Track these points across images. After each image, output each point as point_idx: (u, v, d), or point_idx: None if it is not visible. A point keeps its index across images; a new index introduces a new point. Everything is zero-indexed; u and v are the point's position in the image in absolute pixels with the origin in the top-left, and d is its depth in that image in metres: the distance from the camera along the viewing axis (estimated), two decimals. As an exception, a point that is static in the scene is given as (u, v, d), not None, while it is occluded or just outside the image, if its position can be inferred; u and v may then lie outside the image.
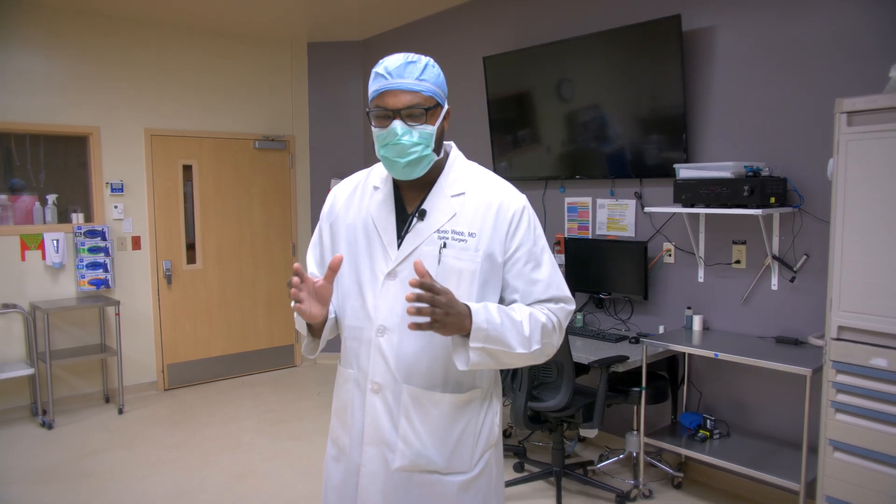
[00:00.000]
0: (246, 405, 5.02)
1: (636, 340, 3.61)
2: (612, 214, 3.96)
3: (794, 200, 3.13)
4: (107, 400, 5.15)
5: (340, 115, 6.05)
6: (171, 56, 5.31)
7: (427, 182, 1.56)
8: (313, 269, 1.70)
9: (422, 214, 1.53)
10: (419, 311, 1.31)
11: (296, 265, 1.42)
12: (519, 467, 3.76)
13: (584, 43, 3.88)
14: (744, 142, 3.34)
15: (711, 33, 3.42)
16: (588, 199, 4.10)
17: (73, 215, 4.99)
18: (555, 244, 4.28)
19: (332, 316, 1.60)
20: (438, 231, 1.51)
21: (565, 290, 1.56)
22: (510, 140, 4.45)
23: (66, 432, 4.51)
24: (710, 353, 3.07)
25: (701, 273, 3.55)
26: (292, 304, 1.45)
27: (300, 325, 1.60)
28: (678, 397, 3.63)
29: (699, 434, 3.33)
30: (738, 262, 3.39)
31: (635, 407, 3.66)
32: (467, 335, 1.40)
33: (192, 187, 5.54)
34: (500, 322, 1.43)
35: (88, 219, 5.08)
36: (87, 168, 5.10)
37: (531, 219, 1.56)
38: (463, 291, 1.49)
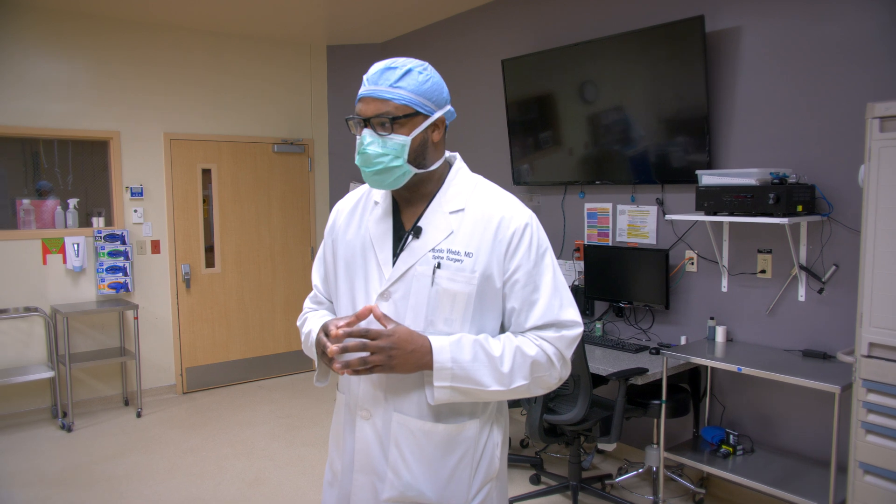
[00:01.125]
0: (263, 410, 5.00)
1: (656, 351, 3.50)
2: (633, 221, 3.85)
3: (822, 208, 3.00)
4: (126, 403, 5.18)
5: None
6: (190, 60, 5.32)
7: (426, 197, 1.48)
8: (318, 283, 1.66)
9: (417, 232, 1.45)
10: (351, 369, 1.33)
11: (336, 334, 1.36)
12: (535, 479, 3.67)
13: (604, 45, 3.78)
14: (770, 147, 3.21)
15: (736, 34, 3.30)
16: (608, 205, 3.99)
17: (94, 219, 5.02)
18: (574, 251, 4.19)
19: None
20: (433, 250, 1.43)
21: (569, 315, 1.44)
22: (529, 144, 4.37)
23: (84, 435, 4.53)
24: (732, 367, 2.96)
25: (724, 282, 3.43)
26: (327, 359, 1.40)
27: (310, 352, 1.55)
28: (700, 410, 3.51)
29: (722, 449, 3.21)
30: (763, 271, 3.26)
31: (655, 420, 3.55)
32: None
33: (211, 191, 5.55)
34: (470, 359, 1.36)
35: (109, 223, 5.11)
36: (108, 172, 5.13)
37: (533, 237, 1.44)
38: (457, 315, 1.41)
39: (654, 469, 3.42)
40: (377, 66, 1.42)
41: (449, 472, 1.44)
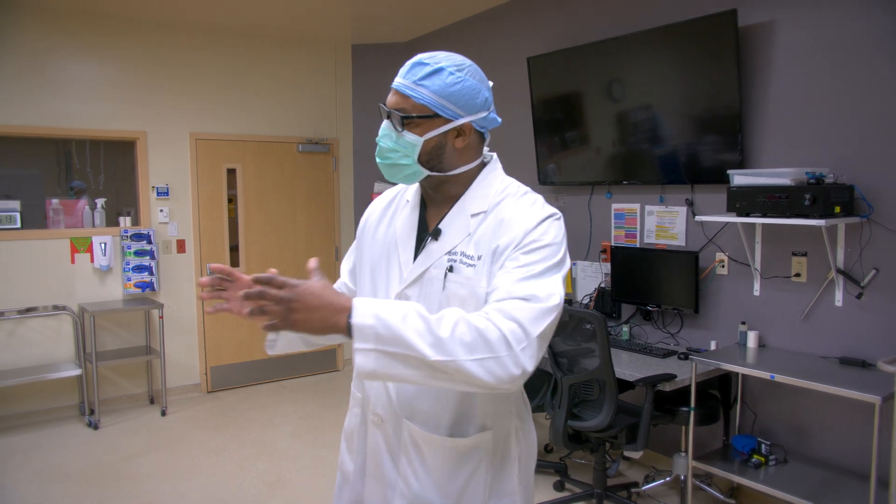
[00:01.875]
0: (285, 410, 5.00)
1: (685, 356, 3.39)
2: (662, 222, 3.74)
3: (861, 209, 2.87)
4: (151, 401, 5.22)
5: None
6: (216, 61, 5.34)
7: (452, 198, 1.41)
8: (345, 277, 1.62)
9: (436, 234, 1.39)
10: (250, 311, 1.13)
11: (213, 265, 1.31)
12: (559, 486, 3.59)
13: (633, 41, 3.68)
14: (806, 146, 3.08)
15: (770, 28, 3.18)
16: (636, 206, 3.89)
17: (121, 219, 5.07)
18: (601, 252, 4.09)
19: None
20: (449, 253, 1.36)
21: (539, 289, 1.21)
22: (556, 143, 4.28)
23: (110, 433, 4.57)
24: (765, 375, 2.84)
25: (757, 286, 3.31)
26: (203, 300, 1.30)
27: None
28: (730, 418, 3.40)
29: (753, 459, 3.09)
30: (797, 275, 3.14)
31: (684, 427, 3.45)
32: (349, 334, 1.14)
33: (235, 191, 5.57)
34: (399, 317, 1.13)
35: (136, 222, 5.15)
36: (135, 172, 5.17)
37: (542, 228, 1.29)
38: None
39: (682, 478, 3.31)
40: (413, 59, 1.35)
41: (461, 486, 1.37)
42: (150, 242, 5.07)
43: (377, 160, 1.39)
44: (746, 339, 3.28)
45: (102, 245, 4.93)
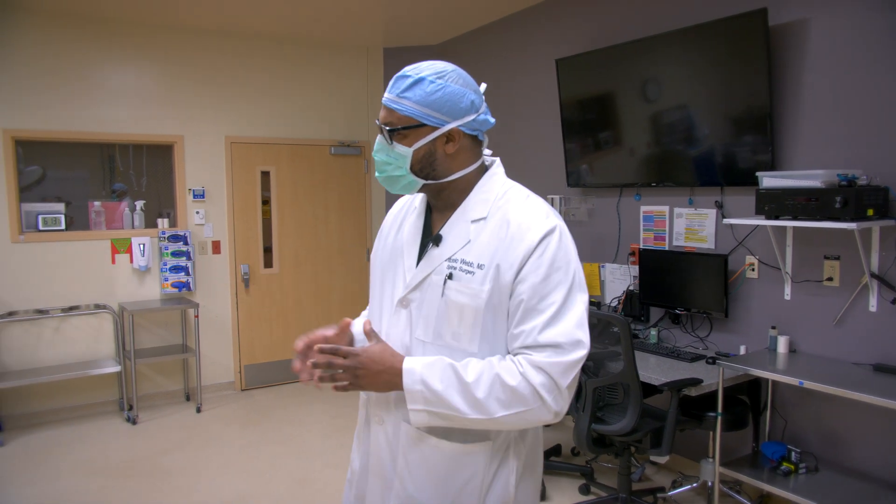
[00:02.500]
0: (316, 409, 5.07)
1: (713, 361, 3.34)
2: (691, 224, 3.69)
3: (897, 212, 2.79)
4: (187, 398, 5.36)
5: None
6: (250, 65, 5.46)
7: (453, 204, 1.43)
8: (375, 279, 1.59)
9: (437, 240, 1.40)
10: (317, 379, 1.37)
11: (309, 339, 1.48)
12: (584, 489, 3.57)
13: (662, 42, 3.65)
14: (839, 147, 3.01)
15: (802, 27, 3.11)
16: (665, 208, 3.85)
17: (159, 220, 5.22)
18: (629, 255, 4.06)
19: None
20: (449, 259, 1.37)
21: (572, 335, 1.26)
22: (584, 145, 4.25)
23: (147, 428, 4.71)
24: (794, 381, 2.79)
25: (788, 290, 3.24)
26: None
27: None
28: (760, 425, 3.34)
29: (782, 467, 3.03)
30: (830, 279, 3.06)
31: (711, 433, 3.40)
32: None
33: (269, 193, 5.68)
34: (440, 383, 1.28)
35: (173, 224, 5.30)
36: (172, 175, 5.32)
37: (549, 248, 1.30)
38: (465, 330, 1.33)
39: (710, 484, 3.26)
40: (400, 72, 1.38)
41: (455, 493, 1.37)
42: (186, 244, 5.21)
43: (376, 174, 1.43)
44: (777, 345, 3.22)
45: (141, 246, 5.09)
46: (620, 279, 4.11)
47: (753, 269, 3.39)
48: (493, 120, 1.43)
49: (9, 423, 4.68)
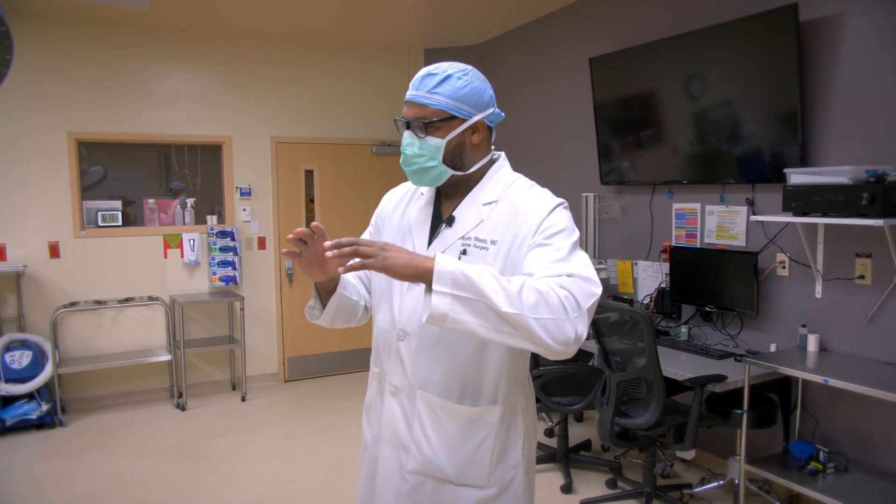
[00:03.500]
0: (356, 400, 5.23)
1: (741, 359, 3.33)
2: (722, 222, 3.68)
3: (929, 209, 2.73)
4: (233, 387, 5.60)
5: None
6: (294, 67, 5.66)
7: (465, 190, 1.55)
8: None
9: (450, 221, 1.53)
10: (340, 252, 1.24)
11: (315, 224, 1.39)
12: (612, 484, 3.61)
13: (692, 40, 3.65)
14: (871, 143, 2.97)
15: (835, 22, 3.08)
16: (697, 206, 3.84)
17: (208, 217, 5.47)
18: (661, 252, 4.06)
19: (343, 291, 1.58)
20: (463, 238, 1.49)
21: (585, 272, 1.34)
22: (618, 143, 4.28)
23: (195, 415, 4.96)
24: (819, 379, 2.77)
25: (819, 288, 3.21)
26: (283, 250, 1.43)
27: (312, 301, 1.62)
28: (791, 424, 3.31)
29: (810, 466, 3.01)
30: (861, 277, 3.02)
31: (739, 430, 3.38)
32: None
33: (313, 191, 5.87)
34: (476, 271, 1.25)
35: (221, 220, 5.55)
36: (221, 174, 5.57)
37: (558, 217, 1.43)
38: None
39: (737, 482, 3.26)
40: (420, 72, 1.50)
41: (469, 453, 1.49)
42: (233, 239, 5.45)
43: (404, 168, 1.51)
44: (807, 343, 3.19)
45: (191, 241, 5.34)
46: (653, 276, 4.12)
47: (784, 267, 3.37)
48: (503, 114, 1.56)
49: (70, 406, 5.00)
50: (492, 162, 1.58)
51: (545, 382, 3.66)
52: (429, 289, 1.25)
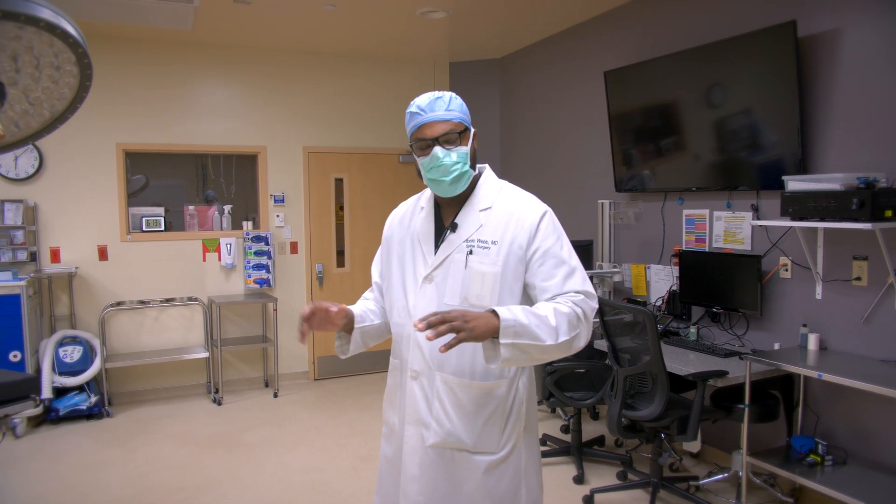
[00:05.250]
0: (381, 398, 5.46)
1: (742, 357, 3.49)
2: (729, 227, 3.85)
3: (920, 214, 2.88)
4: (266, 384, 5.90)
5: (480, 130, 6.35)
6: (325, 81, 5.98)
7: (461, 199, 1.80)
8: (376, 277, 1.99)
9: (454, 227, 1.77)
10: (437, 332, 1.44)
11: (314, 305, 1.71)
12: (622, 476, 3.79)
13: (696, 55, 3.84)
14: (869, 151, 3.12)
15: (834, 37, 3.25)
16: (705, 212, 4.02)
17: (244, 223, 5.79)
18: (672, 256, 4.24)
19: (361, 324, 1.86)
20: (467, 240, 1.74)
21: (586, 286, 1.69)
22: (632, 153, 4.48)
23: (230, 409, 5.26)
24: (813, 374, 2.93)
25: (819, 289, 3.36)
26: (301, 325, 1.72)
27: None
28: (793, 419, 3.46)
29: (809, 459, 3.16)
30: (858, 278, 3.18)
31: (742, 425, 3.54)
32: (497, 336, 1.54)
33: (343, 198, 6.17)
34: (525, 317, 1.55)
35: (256, 226, 5.87)
36: (256, 182, 5.90)
37: (549, 224, 1.73)
38: (486, 292, 1.70)
39: (740, 474, 3.41)
40: (426, 98, 1.74)
41: (482, 423, 1.73)
42: (267, 244, 5.76)
43: (441, 179, 1.70)
44: (807, 342, 3.34)
45: (228, 246, 5.67)
46: (664, 279, 4.30)
47: (787, 270, 3.53)
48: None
49: (115, 399, 5.35)
50: (479, 173, 1.84)
51: (559, 378, 3.86)
52: (491, 341, 1.56)
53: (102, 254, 5.33)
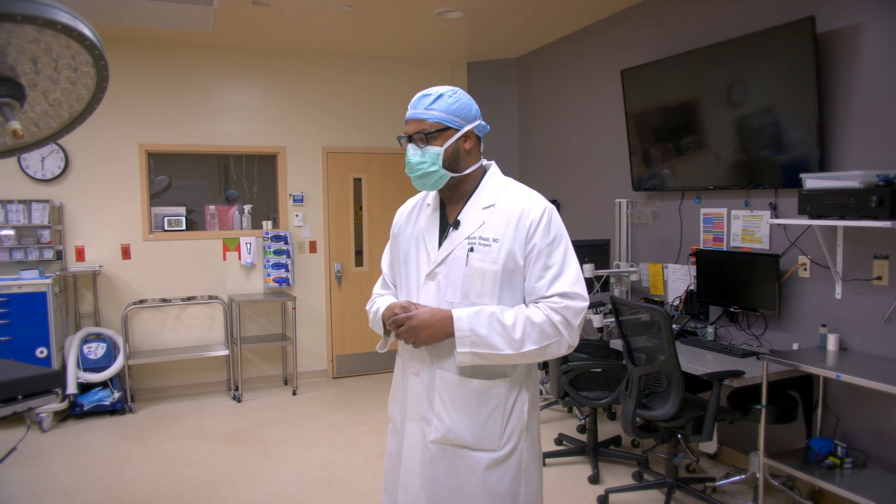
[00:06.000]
0: (398, 396, 5.50)
1: (759, 357, 3.45)
2: (747, 226, 3.81)
3: (942, 212, 2.83)
4: (285, 382, 5.96)
5: (498, 129, 6.37)
6: (343, 81, 6.03)
7: (464, 196, 1.81)
8: (386, 270, 2.02)
9: (456, 224, 1.78)
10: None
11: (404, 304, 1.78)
12: (638, 476, 3.76)
13: (716, 51, 3.80)
14: (890, 148, 3.07)
15: (853, 32, 3.20)
16: (723, 210, 3.98)
17: (264, 222, 5.86)
18: (690, 255, 4.20)
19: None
20: (468, 238, 1.75)
21: (576, 288, 1.69)
22: (650, 151, 4.45)
23: (249, 406, 5.33)
24: (831, 374, 2.89)
25: (838, 289, 3.31)
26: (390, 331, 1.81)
27: (376, 326, 1.91)
28: (813, 421, 3.41)
29: (827, 461, 3.11)
30: (879, 278, 3.12)
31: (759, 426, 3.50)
32: None
33: (361, 198, 6.21)
34: (486, 326, 1.65)
35: (276, 225, 5.93)
36: (275, 182, 5.96)
37: (549, 222, 1.72)
38: (487, 290, 1.71)
39: (758, 476, 3.37)
40: (417, 95, 1.78)
41: (483, 420, 1.74)
42: (286, 243, 5.82)
43: (410, 175, 1.78)
44: (826, 342, 3.29)
45: (248, 245, 5.74)
46: (682, 279, 4.26)
47: (805, 269, 3.48)
48: (488, 126, 1.85)
49: (138, 395, 5.45)
50: (484, 170, 1.85)
51: (574, 377, 3.85)
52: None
53: (125, 252, 5.43)
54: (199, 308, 5.67)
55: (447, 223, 1.82)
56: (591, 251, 4.43)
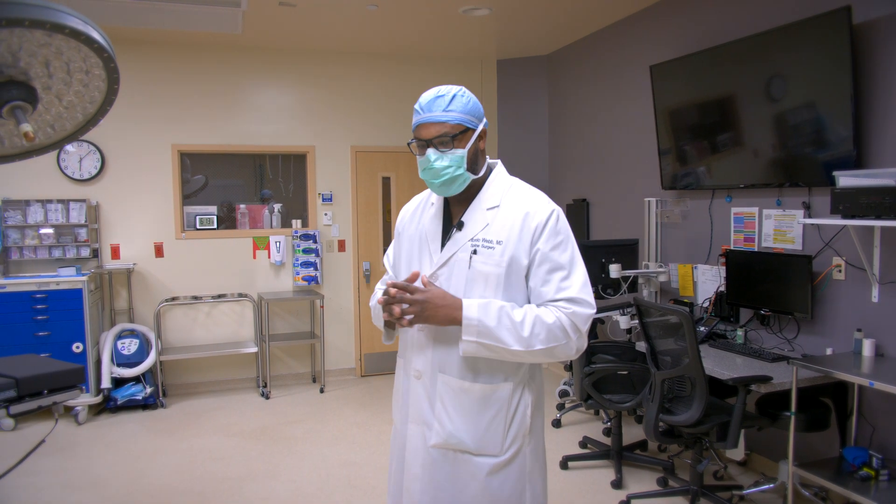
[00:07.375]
0: (424, 395, 5.49)
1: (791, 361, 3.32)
2: (779, 226, 3.67)
3: None
4: (313, 380, 6.01)
5: (528, 128, 6.31)
6: (372, 80, 6.04)
7: (470, 197, 1.76)
8: (388, 268, 2.00)
9: (460, 225, 1.74)
10: (389, 308, 1.62)
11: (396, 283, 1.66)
12: (662, 482, 3.67)
13: (748, 44, 3.67)
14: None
15: (892, 23, 3.04)
16: (755, 210, 3.84)
17: (293, 221, 5.92)
18: (720, 256, 4.07)
19: None
20: (472, 240, 1.70)
21: (582, 294, 1.64)
22: (684, 149, 4.33)
23: (277, 402, 5.39)
24: (864, 382, 2.76)
25: (875, 292, 3.16)
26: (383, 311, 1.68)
27: (377, 322, 1.88)
28: (847, 429, 3.26)
29: (862, 472, 2.97)
30: (917, 281, 2.97)
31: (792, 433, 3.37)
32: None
33: (389, 197, 6.21)
34: (495, 318, 1.58)
35: (305, 224, 5.98)
36: (305, 181, 6.01)
37: (555, 225, 1.67)
38: (489, 293, 1.67)
39: (788, 485, 3.25)
40: (427, 96, 1.71)
41: (485, 425, 1.70)
42: (315, 242, 5.87)
43: (432, 182, 1.70)
44: (861, 348, 3.15)
45: (278, 243, 5.80)
46: (711, 280, 4.14)
47: (840, 271, 3.33)
48: (488, 123, 1.79)
49: (170, 391, 5.57)
50: (489, 169, 1.79)
51: (597, 380, 3.77)
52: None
53: (158, 251, 5.55)
54: (230, 305, 5.76)
55: (451, 223, 1.79)
56: (618, 251, 4.33)
